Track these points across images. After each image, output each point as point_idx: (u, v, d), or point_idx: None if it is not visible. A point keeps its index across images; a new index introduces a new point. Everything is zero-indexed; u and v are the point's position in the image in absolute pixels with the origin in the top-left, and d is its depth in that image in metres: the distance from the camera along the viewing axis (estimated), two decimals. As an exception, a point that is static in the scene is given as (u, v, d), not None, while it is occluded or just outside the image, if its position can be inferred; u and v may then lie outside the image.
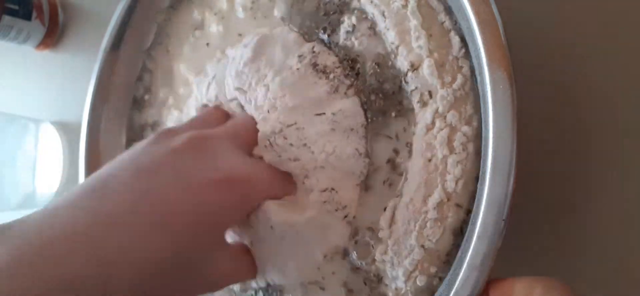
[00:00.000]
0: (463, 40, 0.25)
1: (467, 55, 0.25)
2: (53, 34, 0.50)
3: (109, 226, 0.21)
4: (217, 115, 0.31)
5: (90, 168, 0.36)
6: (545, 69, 0.30)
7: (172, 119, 0.36)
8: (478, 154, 0.24)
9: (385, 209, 0.26)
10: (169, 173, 0.23)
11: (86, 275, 0.19)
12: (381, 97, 0.27)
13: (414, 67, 0.26)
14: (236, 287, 0.31)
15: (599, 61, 0.29)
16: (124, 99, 0.38)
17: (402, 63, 0.26)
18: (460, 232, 0.24)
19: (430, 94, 0.26)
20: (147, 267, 0.21)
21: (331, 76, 0.28)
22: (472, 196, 0.24)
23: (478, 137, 0.24)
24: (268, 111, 0.28)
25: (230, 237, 0.29)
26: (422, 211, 0.24)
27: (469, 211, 0.24)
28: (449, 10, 0.26)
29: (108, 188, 0.22)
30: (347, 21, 0.29)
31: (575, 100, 0.29)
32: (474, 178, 0.24)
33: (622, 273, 0.27)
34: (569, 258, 0.28)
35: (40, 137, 0.49)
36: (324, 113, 0.27)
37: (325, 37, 0.30)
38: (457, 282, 0.22)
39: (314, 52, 0.29)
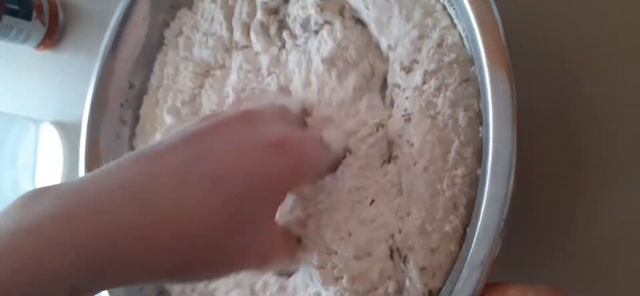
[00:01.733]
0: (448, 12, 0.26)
1: (454, 25, 0.26)
2: (53, 34, 0.50)
3: (157, 183, 0.20)
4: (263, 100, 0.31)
5: (90, 168, 0.36)
6: (545, 70, 0.30)
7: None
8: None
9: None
10: (220, 138, 0.23)
11: (130, 226, 0.19)
12: None
13: (391, 48, 0.27)
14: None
15: (599, 60, 0.29)
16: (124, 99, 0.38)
17: (383, 43, 0.28)
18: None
19: (415, 60, 0.26)
20: (195, 225, 0.20)
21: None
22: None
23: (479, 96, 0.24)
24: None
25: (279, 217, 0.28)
26: (446, 169, 0.24)
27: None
28: None
29: (156, 153, 0.21)
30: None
31: (576, 100, 0.29)
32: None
33: (621, 273, 0.27)
34: (569, 259, 0.28)
35: (40, 137, 0.49)
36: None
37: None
38: (458, 282, 0.22)
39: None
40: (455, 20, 0.26)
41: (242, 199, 0.22)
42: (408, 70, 0.27)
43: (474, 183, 0.24)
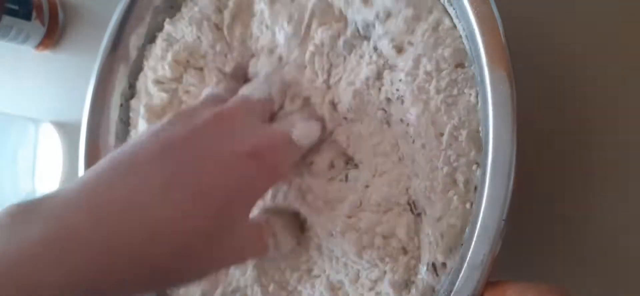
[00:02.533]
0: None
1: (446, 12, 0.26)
2: (53, 34, 0.50)
3: (139, 205, 0.21)
4: (228, 87, 0.32)
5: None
6: (545, 69, 0.30)
7: None
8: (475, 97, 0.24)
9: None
10: (196, 149, 0.24)
11: (121, 244, 0.20)
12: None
13: (379, 18, 0.27)
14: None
15: (599, 60, 0.29)
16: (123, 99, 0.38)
17: (368, 14, 0.28)
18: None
19: (410, 42, 0.26)
20: (181, 240, 0.21)
21: None
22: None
23: (473, 80, 0.25)
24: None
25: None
26: (441, 149, 0.24)
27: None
28: None
29: (134, 166, 0.22)
30: None
31: (576, 100, 0.29)
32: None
33: (622, 272, 0.27)
34: (569, 258, 0.28)
35: (40, 137, 0.49)
36: None
37: None
38: (458, 282, 0.22)
39: None
40: (455, 20, 0.26)
41: (223, 210, 0.23)
42: (399, 49, 0.27)
43: (471, 164, 0.24)
